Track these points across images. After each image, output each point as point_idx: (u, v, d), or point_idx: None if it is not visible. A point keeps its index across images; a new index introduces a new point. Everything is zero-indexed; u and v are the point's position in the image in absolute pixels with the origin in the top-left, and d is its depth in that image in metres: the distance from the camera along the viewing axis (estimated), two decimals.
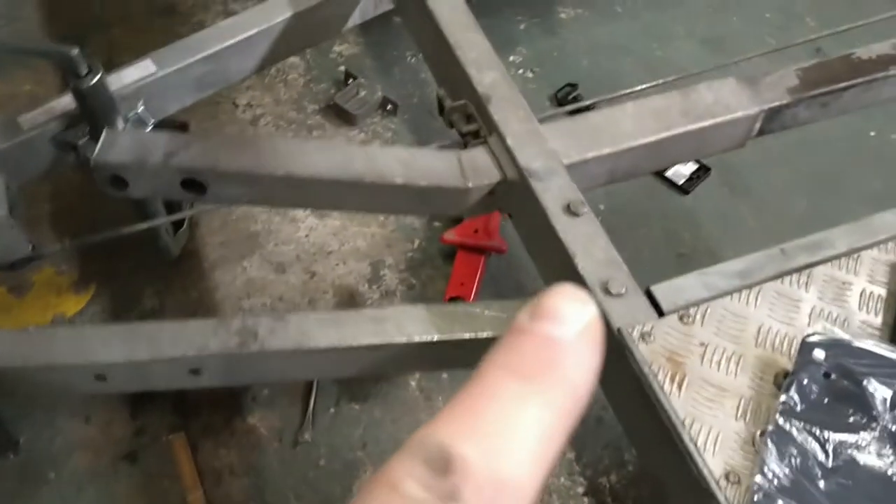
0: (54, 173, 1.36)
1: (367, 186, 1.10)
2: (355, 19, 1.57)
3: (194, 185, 1.13)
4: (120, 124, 1.32)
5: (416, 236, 1.83)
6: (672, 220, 1.91)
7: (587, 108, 1.75)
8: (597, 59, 2.22)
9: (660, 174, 1.97)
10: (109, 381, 1.09)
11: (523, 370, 0.25)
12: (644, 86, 1.52)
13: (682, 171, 1.97)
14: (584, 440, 1.56)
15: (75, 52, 1.18)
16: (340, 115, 2.04)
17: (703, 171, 1.98)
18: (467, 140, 1.19)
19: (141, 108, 1.35)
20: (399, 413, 1.58)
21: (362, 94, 2.05)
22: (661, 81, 1.50)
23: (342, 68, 2.13)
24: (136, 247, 1.62)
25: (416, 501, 0.23)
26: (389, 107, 2.04)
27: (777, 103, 1.23)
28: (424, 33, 1.32)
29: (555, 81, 2.14)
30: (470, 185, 1.11)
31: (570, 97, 2.10)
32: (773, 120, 1.25)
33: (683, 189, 1.96)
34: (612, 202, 1.88)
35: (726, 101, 1.22)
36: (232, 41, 1.42)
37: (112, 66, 1.35)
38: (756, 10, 2.38)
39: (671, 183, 1.96)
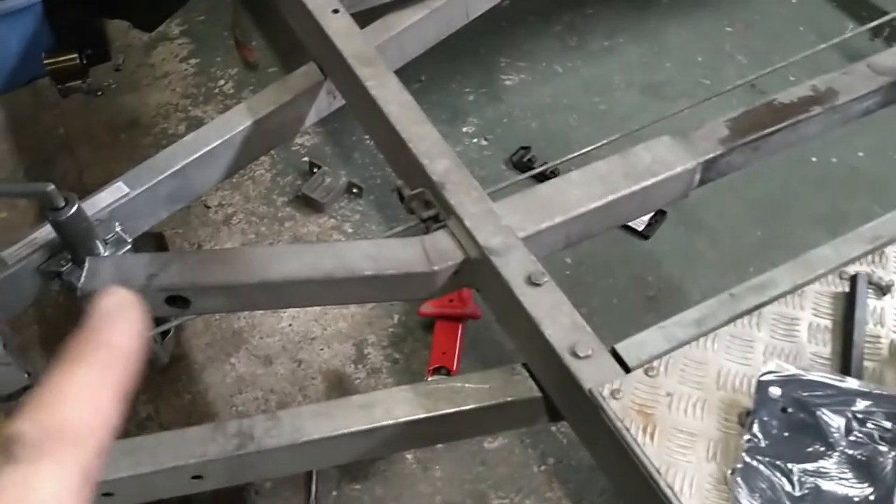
0: (41, 301, 1.41)
1: (339, 282, 1.16)
2: (311, 118, 1.65)
3: (178, 300, 1.20)
4: (100, 246, 1.38)
5: (395, 311, 1.89)
6: (636, 265, 1.99)
7: (543, 174, 1.86)
8: (544, 120, 2.33)
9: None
10: (117, 497, 1.13)
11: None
12: (593, 147, 1.59)
13: (641, 218, 2.06)
14: (581, 490, 1.62)
15: (50, 188, 1.24)
16: (309, 204, 2.12)
17: (660, 215, 2.07)
18: (428, 224, 1.27)
19: (118, 229, 1.42)
20: (399, 488, 1.63)
21: (327, 181, 2.14)
22: (605, 141, 1.58)
23: (306, 159, 2.22)
24: None
25: None
26: (355, 190, 2.13)
27: (711, 154, 1.32)
28: (378, 129, 1.40)
29: (508, 146, 2.24)
30: (436, 268, 1.18)
31: (525, 159, 2.20)
32: (710, 170, 1.34)
33: (644, 235, 2.05)
34: (578, 255, 1.96)
35: (664, 159, 1.30)
36: (196, 155, 1.49)
37: (82, 184, 1.42)
38: (687, 54, 2.50)
39: (632, 230, 2.05)
